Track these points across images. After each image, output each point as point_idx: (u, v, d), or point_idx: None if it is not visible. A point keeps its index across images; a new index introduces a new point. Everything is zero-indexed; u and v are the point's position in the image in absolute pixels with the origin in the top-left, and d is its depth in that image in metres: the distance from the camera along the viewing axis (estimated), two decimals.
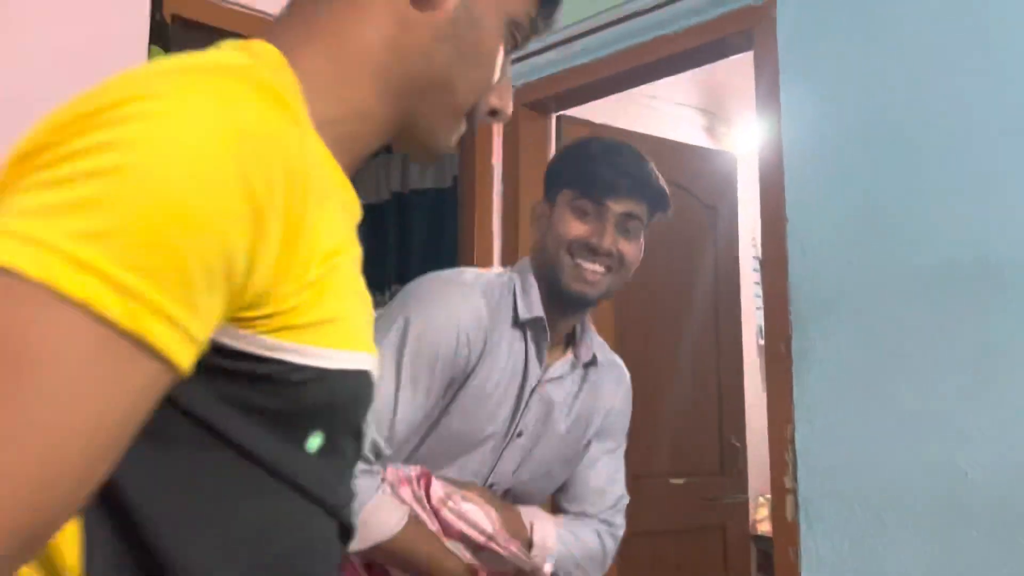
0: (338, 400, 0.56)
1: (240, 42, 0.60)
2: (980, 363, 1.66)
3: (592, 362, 1.43)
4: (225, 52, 0.57)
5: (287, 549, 0.56)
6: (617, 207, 1.30)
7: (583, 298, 1.32)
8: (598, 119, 2.77)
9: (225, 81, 0.49)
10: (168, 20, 1.86)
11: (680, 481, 2.69)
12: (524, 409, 1.34)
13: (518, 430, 1.34)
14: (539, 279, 1.35)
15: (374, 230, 3.18)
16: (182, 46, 1.88)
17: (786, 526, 1.92)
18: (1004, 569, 1.59)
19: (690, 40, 2.18)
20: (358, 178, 2.94)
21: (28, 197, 0.43)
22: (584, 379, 1.43)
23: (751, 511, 3.12)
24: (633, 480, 2.66)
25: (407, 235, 3.07)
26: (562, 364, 1.39)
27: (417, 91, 0.64)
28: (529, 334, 1.33)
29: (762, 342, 3.00)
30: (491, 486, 1.35)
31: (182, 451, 0.50)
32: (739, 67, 2.32)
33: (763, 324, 2.10)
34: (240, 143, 0.47)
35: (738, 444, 2.85)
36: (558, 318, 1.35)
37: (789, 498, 1.91)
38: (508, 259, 2.50)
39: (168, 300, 0.44)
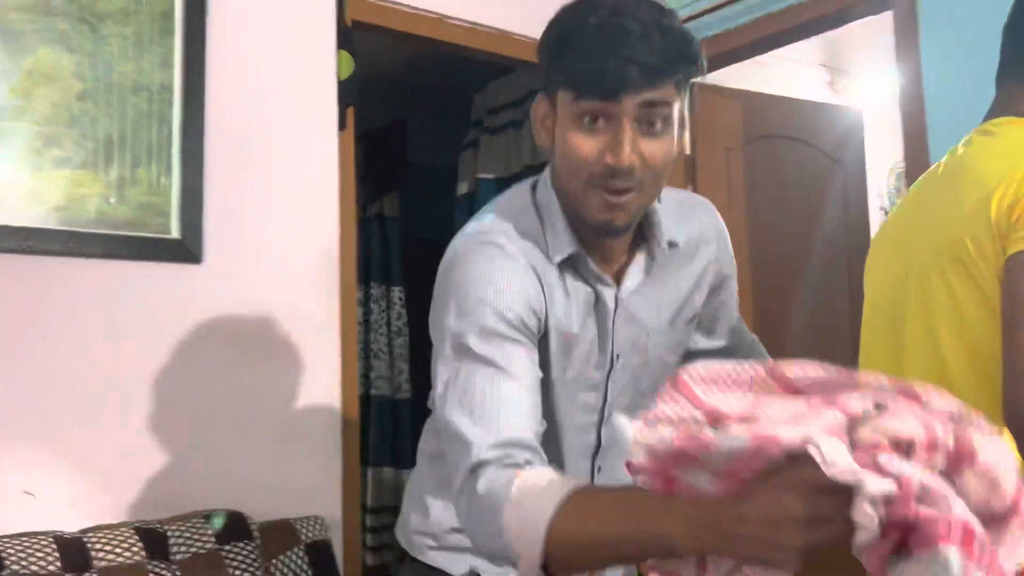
0: None
1: None
2: None
3: (674, 244, 1.20)
4: None
5: None
6: (632, 101, 0.99)
7: (613, 228, 1.09)
8: (725, 84, 2.87)
9: None
10: (349, 25, 2.06)
11: None
12: (613, 336, 1.18)
13: (616, 354, 1.19)
14: (565, 210, 1.12)
15: None
16: (364, 47, 2.09)
17: None
18: None
19: (821, 8, 2.26)
20: (488, 153, 3.22)
21: None
22: (669, 261, 1.21)
23: None
24: None
25: None
26: (636, 270, 1.18)
27: None
28: (571, 269, 1.15)
29: None
30: (609, 413, 1.21)
31: None
32: (859, 20, 2.36)
33: None
34: None
35: None
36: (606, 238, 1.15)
37: None
38: None
39: None
